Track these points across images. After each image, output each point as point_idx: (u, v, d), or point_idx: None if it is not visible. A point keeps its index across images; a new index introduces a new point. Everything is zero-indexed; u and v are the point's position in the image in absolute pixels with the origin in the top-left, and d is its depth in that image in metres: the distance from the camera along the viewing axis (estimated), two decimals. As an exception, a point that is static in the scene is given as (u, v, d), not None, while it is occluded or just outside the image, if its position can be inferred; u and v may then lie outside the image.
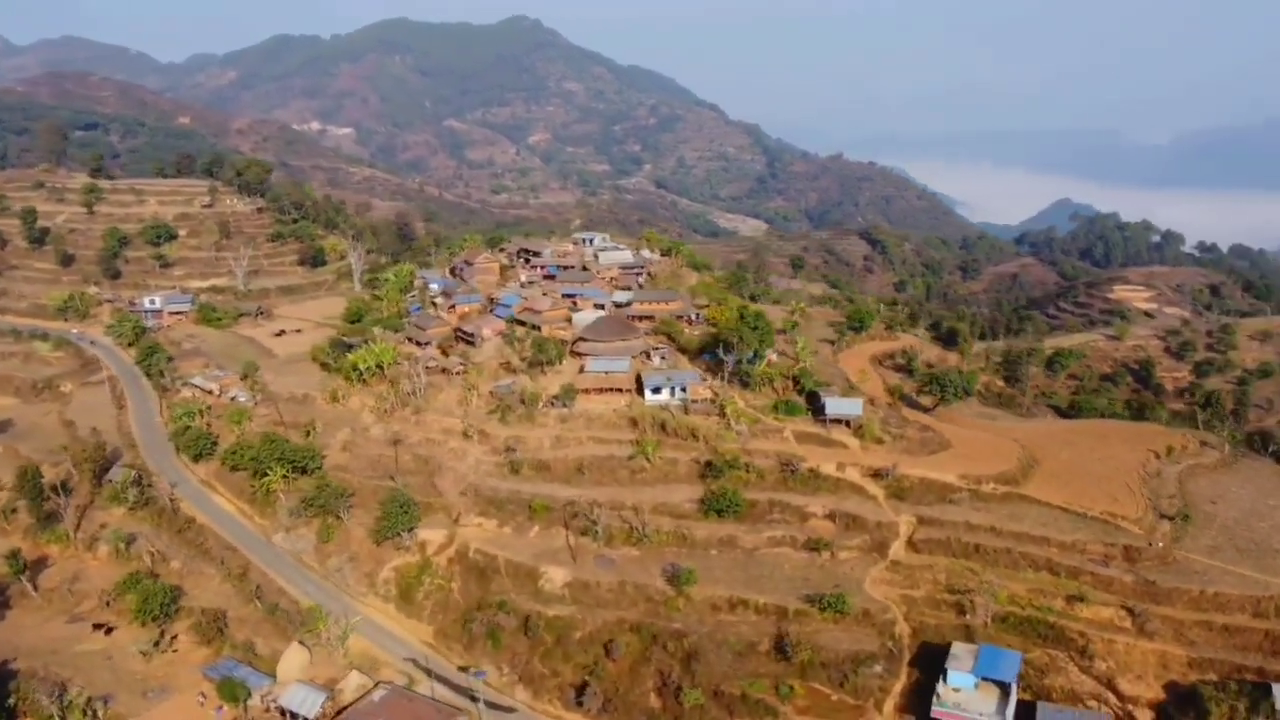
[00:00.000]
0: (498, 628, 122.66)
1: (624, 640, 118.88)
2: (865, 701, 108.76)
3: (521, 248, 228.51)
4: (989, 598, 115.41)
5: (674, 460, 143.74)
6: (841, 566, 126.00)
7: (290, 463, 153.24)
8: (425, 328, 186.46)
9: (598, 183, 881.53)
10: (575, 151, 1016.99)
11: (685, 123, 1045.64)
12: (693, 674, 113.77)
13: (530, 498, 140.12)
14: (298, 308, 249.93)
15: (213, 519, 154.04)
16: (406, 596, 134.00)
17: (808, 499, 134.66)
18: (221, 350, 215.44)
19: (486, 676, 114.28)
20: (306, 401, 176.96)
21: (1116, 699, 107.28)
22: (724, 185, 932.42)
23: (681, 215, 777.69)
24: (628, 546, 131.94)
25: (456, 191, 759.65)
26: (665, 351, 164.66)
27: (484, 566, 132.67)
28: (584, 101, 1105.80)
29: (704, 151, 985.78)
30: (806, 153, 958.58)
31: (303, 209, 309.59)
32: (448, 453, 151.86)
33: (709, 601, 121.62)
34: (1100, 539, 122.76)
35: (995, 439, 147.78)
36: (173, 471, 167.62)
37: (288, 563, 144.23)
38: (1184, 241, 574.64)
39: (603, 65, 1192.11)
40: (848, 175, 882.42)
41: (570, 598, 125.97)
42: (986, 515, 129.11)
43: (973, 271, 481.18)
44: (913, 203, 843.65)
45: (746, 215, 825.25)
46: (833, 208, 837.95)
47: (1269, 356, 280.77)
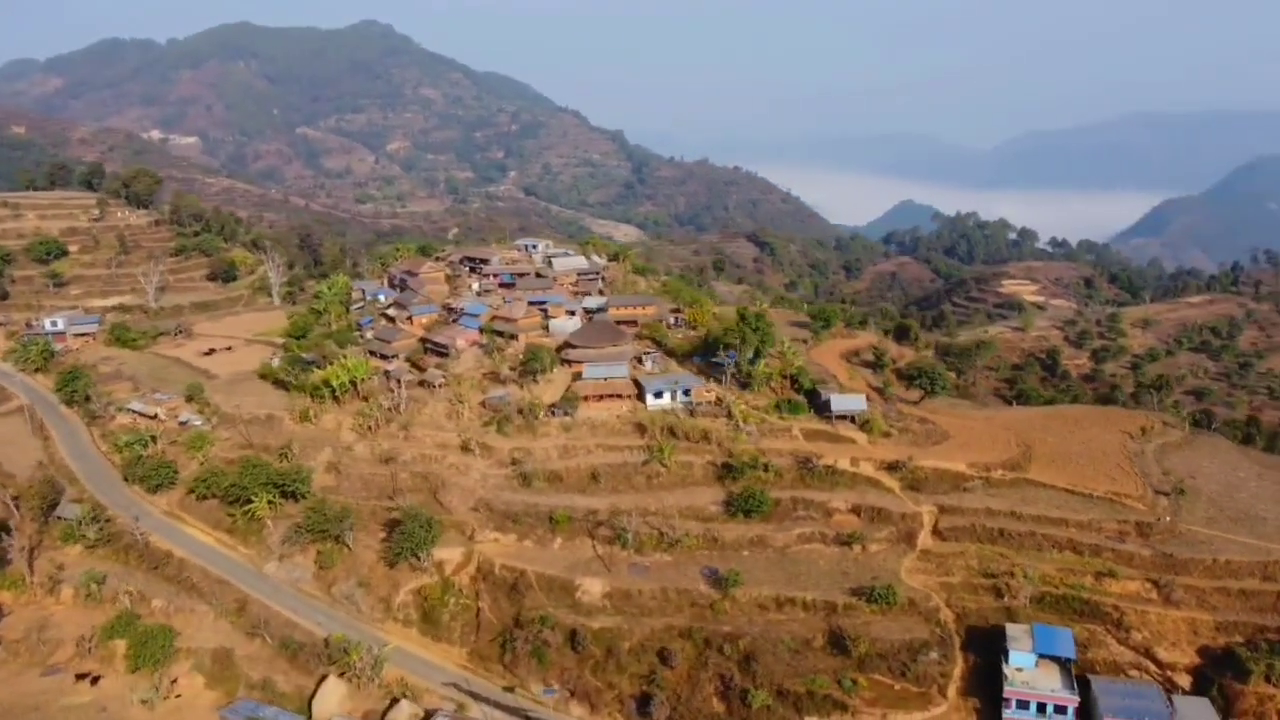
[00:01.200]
0: (543, 644, 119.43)
1: (676, 647, 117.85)
2: (928, 688, 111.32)
3: (465, 256, 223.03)
4: (1026, 579, 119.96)
5: (689, 464, 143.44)
6: (874, 559, 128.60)
7: (276, 487, 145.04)
8: (390, 340, 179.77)
9: (466, 190, 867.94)
10: (437, 159, 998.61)
11: (548, 129, 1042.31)
12: (753, 675, 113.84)
13: (548, 509, 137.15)
14: (217, 325, 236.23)
15: (191, 552, 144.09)
16: (430, 619, 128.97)
17: (829, 495, 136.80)
18: (149, 373, 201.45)
19: (556, 694, 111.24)
20: (272, 422, 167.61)
21: (1156, 667, 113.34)
22: (591, 191, 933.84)
23: (555, 222, 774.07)
24: (659, 553, 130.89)
25: (322, 202, 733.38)
26: (656, 356, 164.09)
27: (512, 582, 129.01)
28: (443, 108, 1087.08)
29: (569, 158, 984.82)
30: (672, 158, 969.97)
31: (203, 221, 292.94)
32: (448, 468, 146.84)
33: (755, 601, 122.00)
34: (1112, 517, 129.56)
35: (988, 428, 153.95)
36: (128, 504, 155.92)
37: (287, 593, 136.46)
38: (1038, 238, 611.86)
39: (459, 71, 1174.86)
40: (714, 180, 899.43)
41: (612, 608, 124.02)
42: (1002, 501, 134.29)
43: (855, 271, 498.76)
44: (778, 206, 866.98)
45: (618, 221, 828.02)
46: (701, 211, 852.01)
47: (1152, 342, 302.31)
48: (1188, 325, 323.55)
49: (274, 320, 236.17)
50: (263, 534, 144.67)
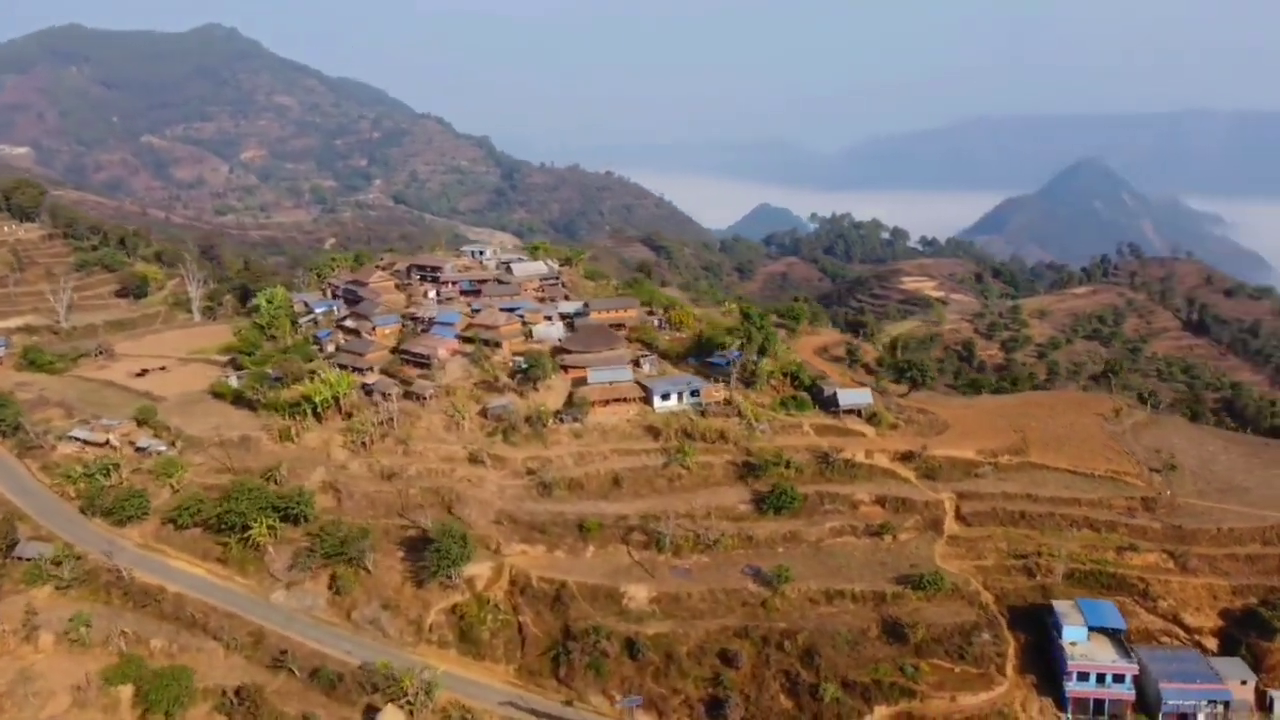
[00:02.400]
0: (600, 655, 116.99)
1: (735, 647, 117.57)
2: (987, 668, 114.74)
3: (413, 265, 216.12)
4: (1058, 558, 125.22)
5: (708, 464, 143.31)
6: (906, 547, 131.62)
7: (276, 511, 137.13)
8: (361, 353, 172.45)
9: (334, 200, 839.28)
10: (296, 168, 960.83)
11: (412, 136, 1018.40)
12: (816, 669, 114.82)
13: (576, 517, 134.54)
14: (139, 344, 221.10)
15: (186, 586, 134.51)
16: (469, 638, 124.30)
17: (852, 487, 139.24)
18: (79, 398, 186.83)
19: (641, 703, 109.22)
20: (248, 444, 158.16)
21: (1184, 632, 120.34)
22: (461, 198, 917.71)
23: (430, 230, 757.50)
24: (696, 554, 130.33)
25: (182, 214, 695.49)
26: (653, 359, 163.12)
27: (553, 594, 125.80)
28: (299, 115, 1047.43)
29: (436, 165, 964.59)
30: (543, 164, 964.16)
31: (100, 234, 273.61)
32: (460, 482, 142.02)
33: (805, 596, 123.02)
34: (1119, 494, 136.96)
35: (980, 417, 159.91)
36: (94, 540, 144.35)
37: (303, 622, 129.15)
38: (909, 237, 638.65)
39: (313, 77, 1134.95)
40: (587, 185, 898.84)
41: (661, 613, 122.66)
42: (1015, 484, 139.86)
43: (748, 272, 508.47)
44: (652, 210, 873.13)
45: (493, 228, 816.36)
46: (576, 217, 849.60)
47: (1051, 331, 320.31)
48: (1078, 315, 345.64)
49: (203, 337, 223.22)
50: (264, 561, 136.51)
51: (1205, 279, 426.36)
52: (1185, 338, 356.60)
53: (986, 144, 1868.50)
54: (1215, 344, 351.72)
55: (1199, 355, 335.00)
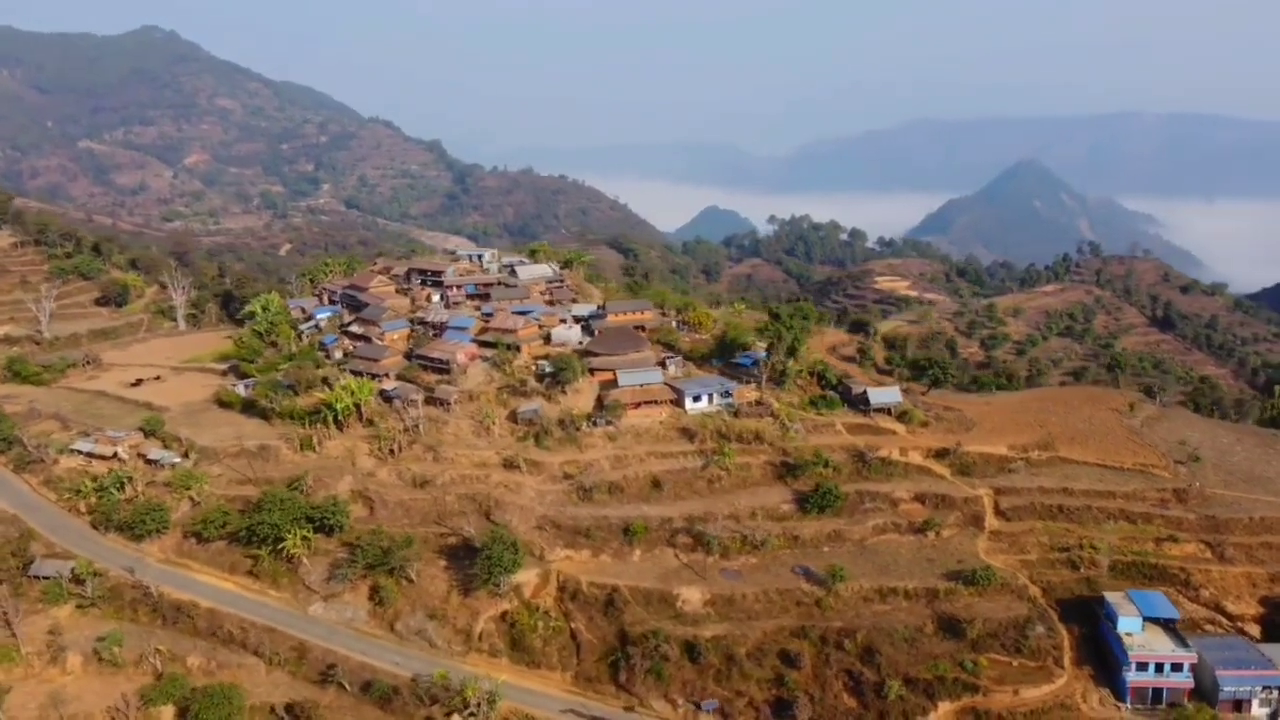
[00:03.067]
0: (661, 659, 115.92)
1: (794, 647, 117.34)
2: (1044, 661, 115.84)
3: (412, 269, 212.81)
4: (1100, 550, 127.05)
5: (746, 465, 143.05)
6: (949, 544, 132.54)
7: (310, 522, 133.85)
8: (376, 359, 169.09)
9: (285, 205, 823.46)
10: (241, 173, 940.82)
11: (360, 140, 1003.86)
12: (877, 667, 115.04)
13: (620, 521, 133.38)
14: (125, 353, 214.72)
15: (219, 601, 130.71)
16: (520, 646, 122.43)
17: (890, 485, 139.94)
18: (74, 409, 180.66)
19: (717, 707, 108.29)
20: (267, 453, 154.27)
21: (1227, 620, 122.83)
22: (413, 203, 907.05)
23: (384, 235, 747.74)
24: (744, 555, 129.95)
25: (131, 220, 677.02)
26: (678, 360, 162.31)
27: (605, 599, 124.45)
28: (243, 119, 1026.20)
29: (386, 169, 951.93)
30: (495, 167, 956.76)
31: (74, 241, 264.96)
32: (496, 487, 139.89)
33: (858, 595, 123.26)
34: (1150, 486, 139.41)
35: (1002, 413, 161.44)
36: (111, 556, 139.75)
37: (345, 635, 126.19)
38: (866, 238, 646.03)
39: (256, 80, 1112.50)
40: (541, 189, 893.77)
41: (717, 615, 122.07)
42: (1048, 479, 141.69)
43: (714, 274, 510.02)
44: (607, 213, 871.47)
45: (447, 233, 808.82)
46: (531, 221, 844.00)
47: (1025, 329, 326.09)
48: (1049, 313, 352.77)
49: (192, 345, 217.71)
50: (298, 574, 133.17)
51: (1163, 276, 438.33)
52: (1152, 333, 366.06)
53: (928, 147, 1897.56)
54: (1180, 339, 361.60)
55: (1166, 350, 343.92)
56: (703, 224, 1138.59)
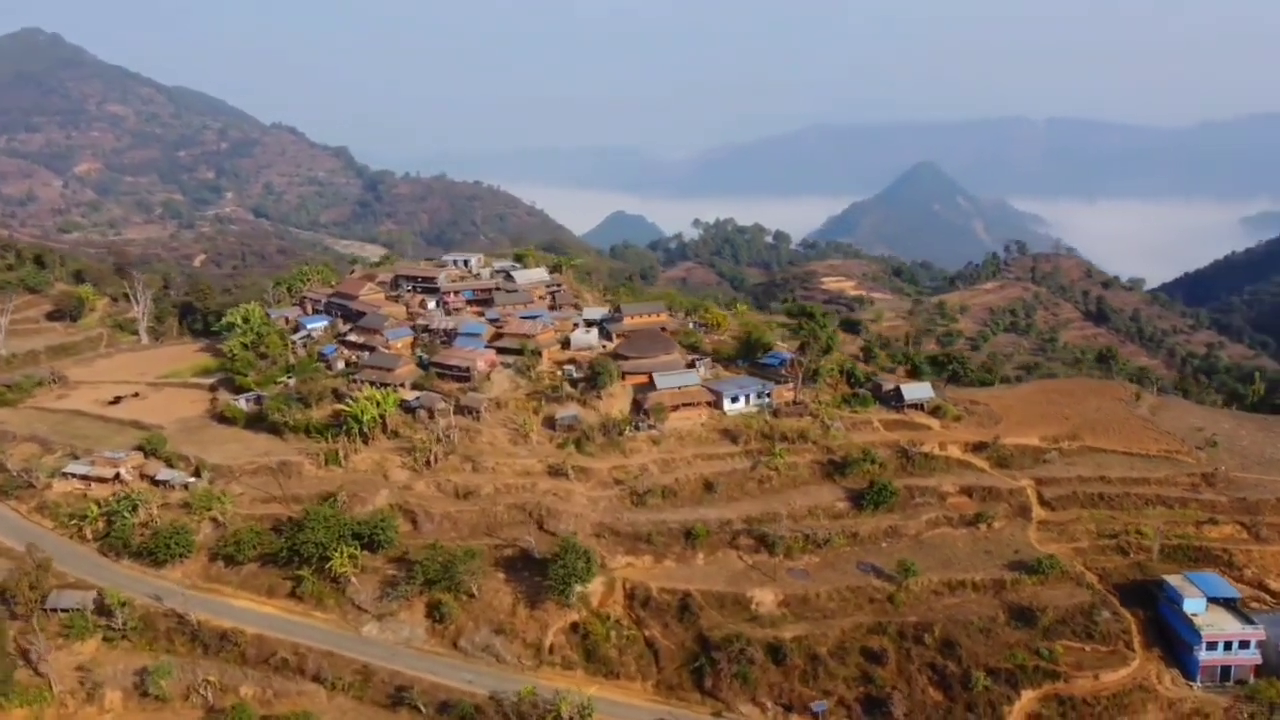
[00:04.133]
0: (746, 662, 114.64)
1: (875, 644, 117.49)
2: (1116, 646, 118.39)
3: (401, 275, 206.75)
4: (1148, 535, 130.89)
5: (794, 464, 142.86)
6: (1001, 535, 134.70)
7: (356, 539, 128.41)
8: (390, 368, 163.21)
9: (190, 214, 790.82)
10: (137, 181, 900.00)
11: (263, 146, 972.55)
12: (958, 659, 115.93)
13: (679, 525, 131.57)
14: (90, 370, 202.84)
15: (265, 627, 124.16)
16: (595, 657, 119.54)
17: (935, 479, 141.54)
18: (51, 430, 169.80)
19: (826, 708, 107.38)
20: (287, 470, 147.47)
21: (1270, 597, 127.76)
22: (322, 211, 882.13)
23: (298, 243, 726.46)
24: (807, 555, 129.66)
25: (29, 231, 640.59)
26: (706, 361, 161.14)
27: (677, 605, 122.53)
28: (136, 125, 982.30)
29: (292, 176, 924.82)
30: (407, 173, 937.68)
31: (15, 253, 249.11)
32: (544, 495, 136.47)
33: (928, 589, 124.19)
34: (1180, 472, 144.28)
35: (1023, 405, 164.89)
36: (130, 583, 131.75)
37: (407, 655, 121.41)
38: (790, 240, 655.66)
39: (148, 85, 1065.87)
40: (456, 195, 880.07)
41: (792, 615, 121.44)
42: (1083, 468, 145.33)
43: (650, 278, 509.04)
44: (524, 219, 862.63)
45: (362, 241, 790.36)
46: (448, 228, 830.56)
47: (974, 325, 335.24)
48: (993, 309, 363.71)
49: (162, 360, 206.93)
50: (345, 594, 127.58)
51: (1086, 273, 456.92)
52: (1088, 327, 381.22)
53: (826, 151, 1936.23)
54: (1114, 332, 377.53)
55: (1102, 343, 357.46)
56: (611, 228, 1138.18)
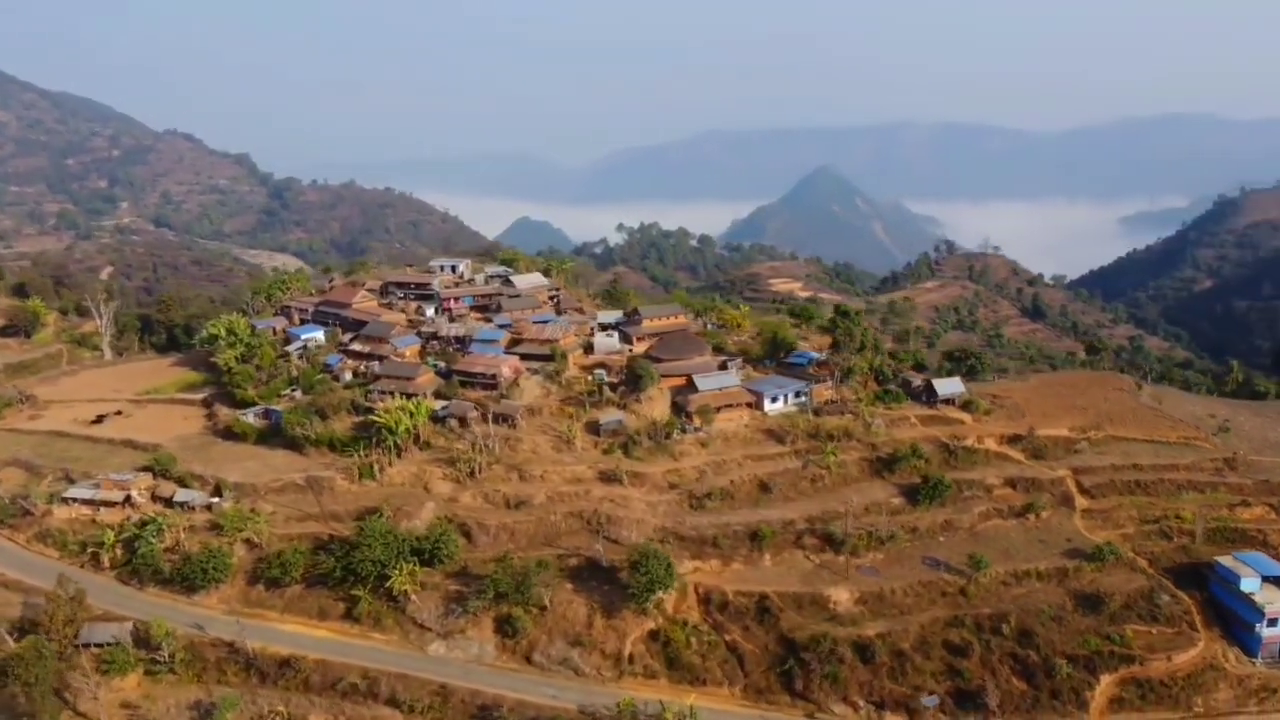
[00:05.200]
0: (836, 661, 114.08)
1: (956, 637, 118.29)
2: (1180, 627, 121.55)
3: (388, 282, 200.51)
4: (1188, 519, 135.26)
5: (842, 462, 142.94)
6: (1050, 524, 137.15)
7: (416, 555, 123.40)
8: (410, 377, 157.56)
9: (87, 225, 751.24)
10: (23, 191, 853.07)
11: (158, 154, 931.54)
12: (1036, 648, 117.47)
13: (743, 527, 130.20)
14: (57, 388, 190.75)
15: (327, 652, 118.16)
16: (678, 664, 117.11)
17: (978, 472, 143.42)
18: (35, 453, 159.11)
19: (938, 702, 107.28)
20: (317, 486, 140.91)
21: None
22: (225, 220, 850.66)
23: (205, 254, 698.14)
24: (871, 552, 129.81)
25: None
26: (737, 362, 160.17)
27: (754, 607, 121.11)
28: (18, 133, 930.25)
29: (192, 185, 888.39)
30: (315, 180, 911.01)
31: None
32: (599, 502, 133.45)
33: (996, 580, 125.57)
34: (1203, 458, 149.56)
35: (1042, 398, 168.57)
36: (162, 613, 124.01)
37: (480, 673, 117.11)
38: (715, 244, 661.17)
39: (31, 91, 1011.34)
40: (367, 202, 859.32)
41: (870, 613, 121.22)
42: (1113, 457, 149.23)
43: (585, 281, 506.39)
44: (439, 226, 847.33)
45: (271, 250, 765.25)
46: (360, 236, 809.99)
47: (924, 323, 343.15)
48: (937, 307, 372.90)
49: (134, 376, 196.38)
50: (406, 612, 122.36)
51: (1012, 270, 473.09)
52: (1026, 323, 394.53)
53: (724, 156, 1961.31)
54: (1051, 328, 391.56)
55: (1042, 338, 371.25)
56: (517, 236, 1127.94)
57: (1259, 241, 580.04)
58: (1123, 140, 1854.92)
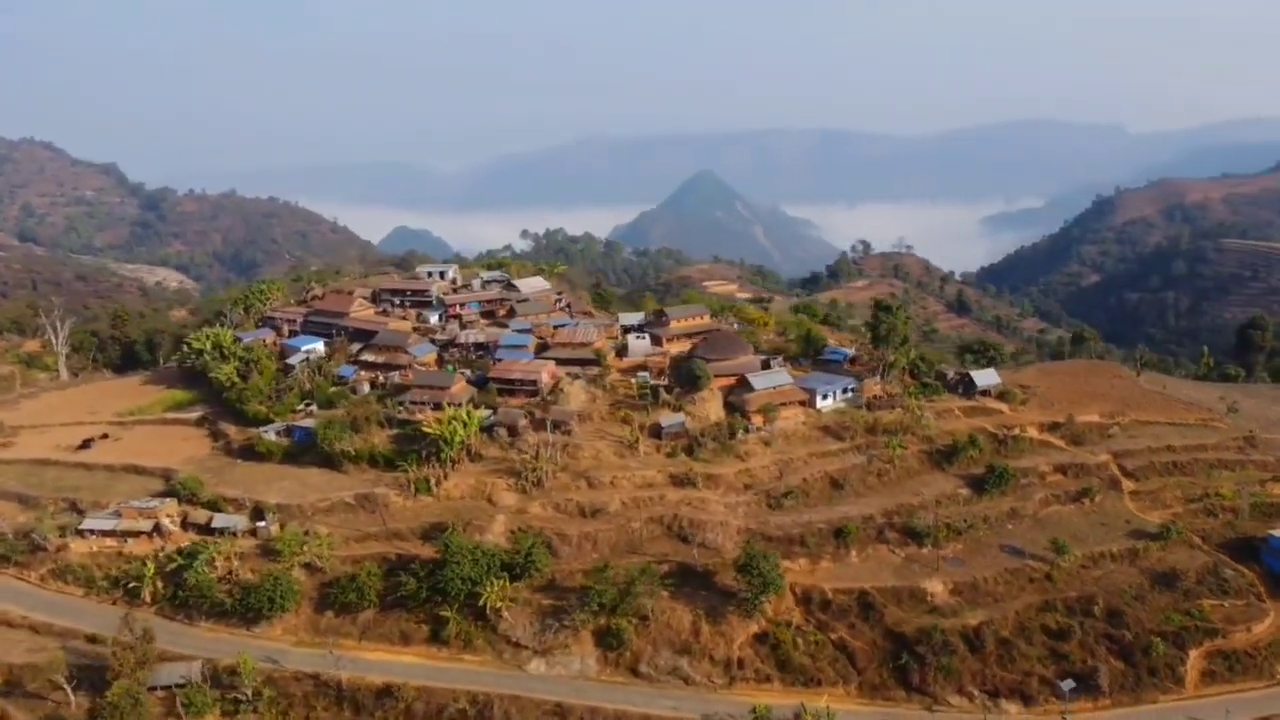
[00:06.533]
0: (949, 653, 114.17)
1: (1052, 621, 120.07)
2: (1249, 599, 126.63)
3: (381, 290, 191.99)
4: (1229, 496, 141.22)
5: (903, 456, 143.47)
6: (1104, 506, 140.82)
7: (507, 571, 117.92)
8: (445, 386, 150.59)
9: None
10: None
11: (15, 164, 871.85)
12: (1127, 627, 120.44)
13: (827, 525, 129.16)
14: (18, 413, 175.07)
15: (412, 677, 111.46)
16: (788, 667, 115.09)
17: (1029, 460, 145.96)
18: (23, 484, 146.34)
19: (1075, 685, 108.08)
20: (369, 504, 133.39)
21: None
22: (95, 233, 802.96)
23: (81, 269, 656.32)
24: (951, 543, 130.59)
25: None
26: (778, 360, 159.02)
27: (858, 604, 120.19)
28: None
29: (55, 196, 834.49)
30: (192, 190, 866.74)
31: None
32: (677, 507, 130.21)
33: (1075, 564, 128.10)
34: (1226, 438, 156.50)
35: (1059, 387, 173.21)
36: (221, 647, 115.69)
37: (589, 688, 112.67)
38: (624, 249, 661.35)
39: None
40: (250, 213, 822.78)
41: (966, 603, 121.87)
42: (1145, 440, 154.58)
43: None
44: (328, 236, 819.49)
45: (152, 264, 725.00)
46: (246, 247, 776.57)
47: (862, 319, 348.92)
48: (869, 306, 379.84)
49: (102, 397, 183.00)
50: (499, 630, 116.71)
51: (924, 269, 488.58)
52: (953, 318, 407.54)
53: (603, 162, 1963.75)
54: (978, 322, 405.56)
55: (970, 332, 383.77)
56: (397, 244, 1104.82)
57: (1136, 237, 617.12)
58: (980, 145, 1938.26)
